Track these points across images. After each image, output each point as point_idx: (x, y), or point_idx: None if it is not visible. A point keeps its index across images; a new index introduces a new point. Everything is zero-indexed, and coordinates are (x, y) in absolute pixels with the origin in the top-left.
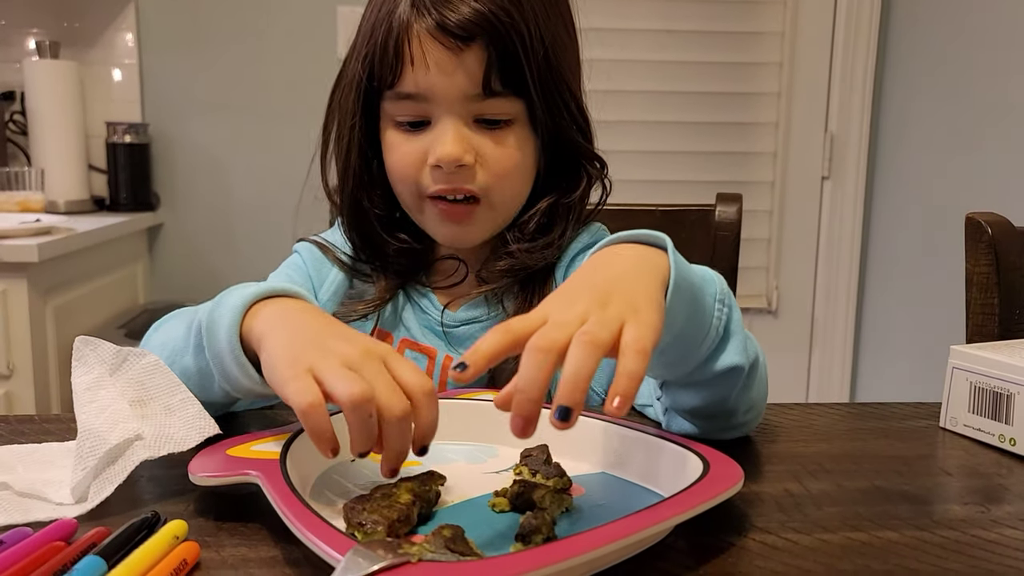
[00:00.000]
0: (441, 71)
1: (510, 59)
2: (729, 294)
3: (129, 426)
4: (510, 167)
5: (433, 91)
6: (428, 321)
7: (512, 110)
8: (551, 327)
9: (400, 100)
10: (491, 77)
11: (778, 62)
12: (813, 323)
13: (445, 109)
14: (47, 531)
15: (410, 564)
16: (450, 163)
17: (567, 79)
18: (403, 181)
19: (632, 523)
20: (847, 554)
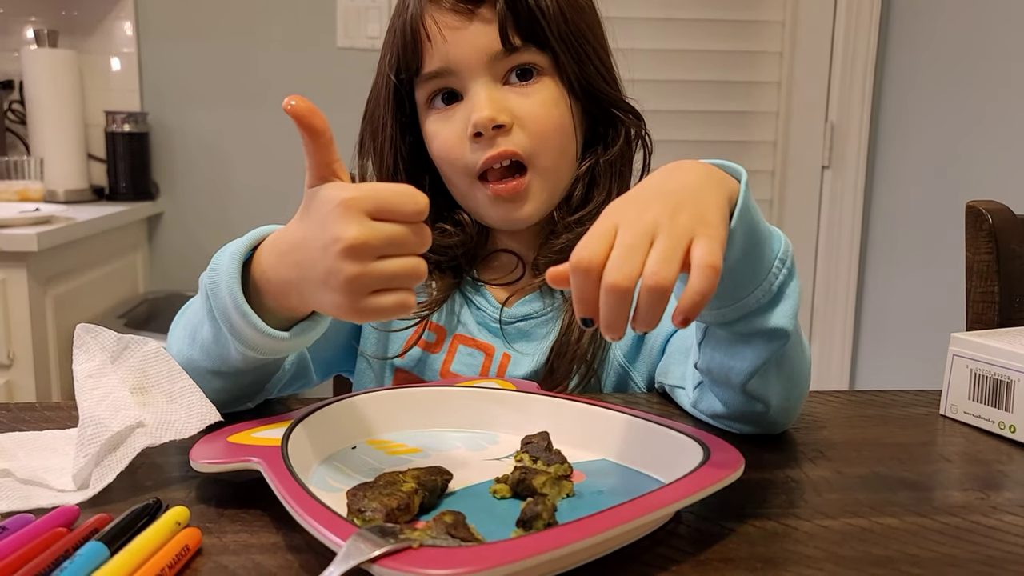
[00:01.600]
0: (459, 37)
1: (522, 12)
2: (793, 260)
3: (131, 413)
4: (548, 124)
5: (456, 60)
6: (484, 318)
7: (540, 61)
8: (623, 259)
9: (429, 81)
10: (507, 30)
11: (779, 51)
12: (813, 312)
13: (471, 76)
14: (49, 517)
15: (411, 549)
16: (486, 124)
17: (587, 35)
18: (450, 164)
19: (632, 509)
20: (847, 540)
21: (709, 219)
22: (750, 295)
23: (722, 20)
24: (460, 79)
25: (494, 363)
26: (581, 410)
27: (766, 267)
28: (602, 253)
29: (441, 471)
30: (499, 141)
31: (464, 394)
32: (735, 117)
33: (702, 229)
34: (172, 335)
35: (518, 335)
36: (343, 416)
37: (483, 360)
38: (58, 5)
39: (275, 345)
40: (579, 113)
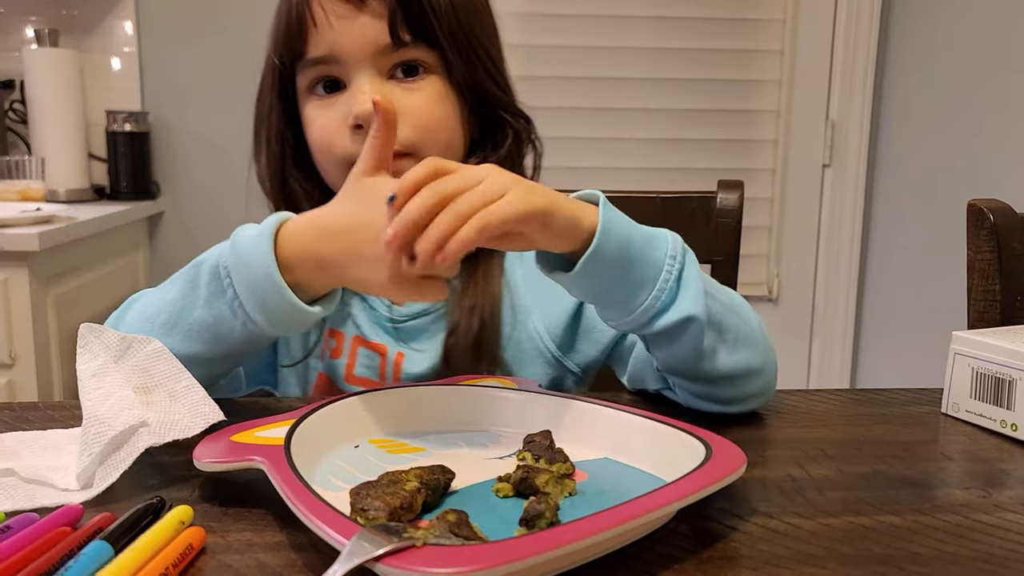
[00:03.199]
0: (346, 26)
1: (413, 6)
2: (684, 248)
3: (134, 412)
4: (431, 118)
5: (342, 49)
6: (377, 317)
7: (427, 59)
8: (458, 179)
9: (312, 67)
10: (396, 24)
11: (779, 50)
12: (814, 311)
13: (356, 66)
14: (53, 517)
15: (414, 548)
16: (367, 117)
17: (479, 34)
18: (325, 152)
19: (635, 508)
20: (849, 538)
21: (535, 193)
22: (649, 297)
23: (722, 19)
24: (344, 68)
25: (388, 363)
26: (583, 408)
27: (656, 268)
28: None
29: (444, 470)
30: None
31: (466, 392)
32: (735, 116)
33: (514, 194)
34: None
35: (414, 332)
36: (345, 415)
37: (379, 361)
38: (59, 4)
39: (299, 318)
40: (466, 111)
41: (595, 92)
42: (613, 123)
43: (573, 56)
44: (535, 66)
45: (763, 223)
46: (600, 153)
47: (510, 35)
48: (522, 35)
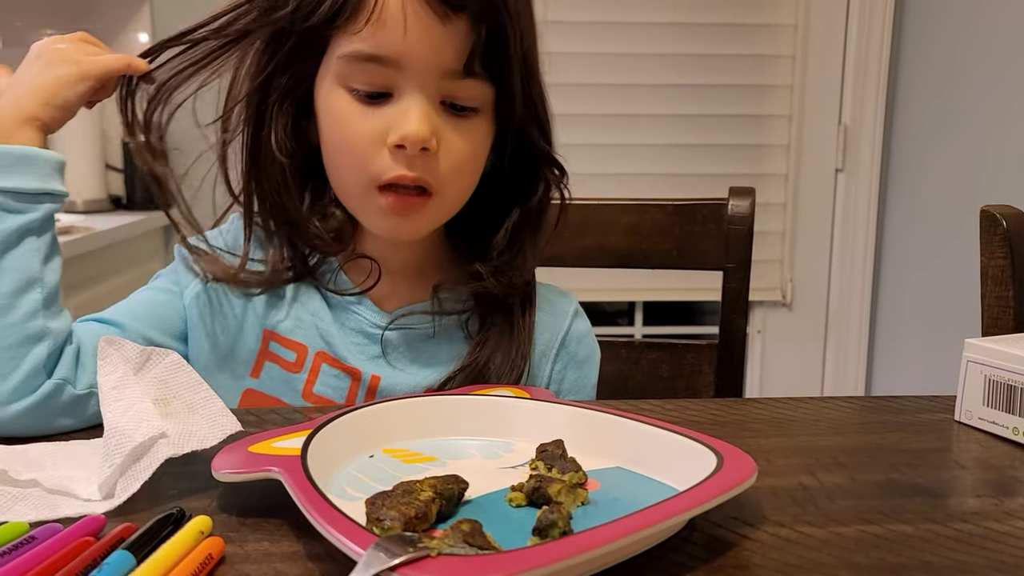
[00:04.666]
0: (424, 37)
1: (497, 40)
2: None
3: (154, 424)
4: (468, 161)
5: (409, 58)
6: (358, 325)
7: (482, 97)
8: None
9: (364, 62)
10: (475, 54)
11: (791, 55)
12: (828, 316)
13: (416, 82)
14: (76, 527)
15: (430, 558)
16: (416, 144)
17: (539, 82)
18: (354, 163)
19: (647, 517)
20: (861, 547)
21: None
22: None
23: (734, 24)
24: (401, 77)
25: (362, 385)
26: (595, 418)
27: None
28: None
29: (457, 480)
30: (418, 164)
31: (479, 402)
32: (748, 121)
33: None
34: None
35: (396, 345)
36: (360, 425)
37: (348, 383)
38: (75, 18)
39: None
40: (501, 157)
41: (607, 98)
42: (625, 129)
43: (585, 62)
44: (546, 73)
45: (776, 228)
46: (612, 159)
47: None
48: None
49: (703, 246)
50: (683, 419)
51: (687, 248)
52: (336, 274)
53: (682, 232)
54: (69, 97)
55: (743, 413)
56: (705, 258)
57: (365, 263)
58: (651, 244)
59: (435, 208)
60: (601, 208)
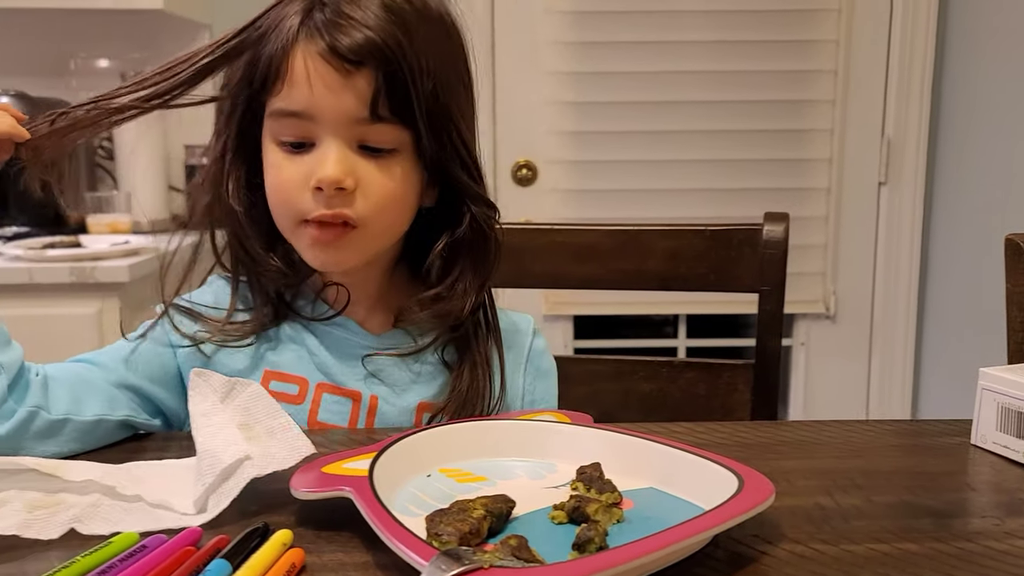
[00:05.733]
0: (328, 91)
1: (398, 86)
2: None
3: (240, 448)
4: (389, 196)
5: (319, 110)
6: (352, 347)
7: (397, 139)
8: None
9: (285, 118)
10: (379, 101)
11: (832, 70)
12: (872, 328)
13: (330, 131)
14: (179, 538)
15: (483, 570)
16: (331, 185)
17: (455, 118)
18: (283, 203)
19: (674, 534)
20: (868, 564)
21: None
22: None
23: (774, 41)
24: (317, 127)
25: (363, 407)
26: (630, 442)
27: None
28: None
29: (506, 499)
30: (336, 202)
31: (524, 427)
32: (788, 136)
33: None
34: None
35: (387, 363)
36: (419, 447)
37: (350, 407)
38: (140, 45)
39: None
40: (429, 190)
41: (647, 116)
42: (665, 146)
43: (625, 81)
44: (588, 92)
45: (818, 241)
46: (652, 175)
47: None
48: (575, 62)
49: (738, 269)
50: (712, 441)
51: (723, 271)
52: (314, 304)
53: (718, 256)
54: None
55: (769, 435)
56: (741, 281)
57: (332, 290)
58: (688, 267)
59: (359, 239)
60: (640, 233)
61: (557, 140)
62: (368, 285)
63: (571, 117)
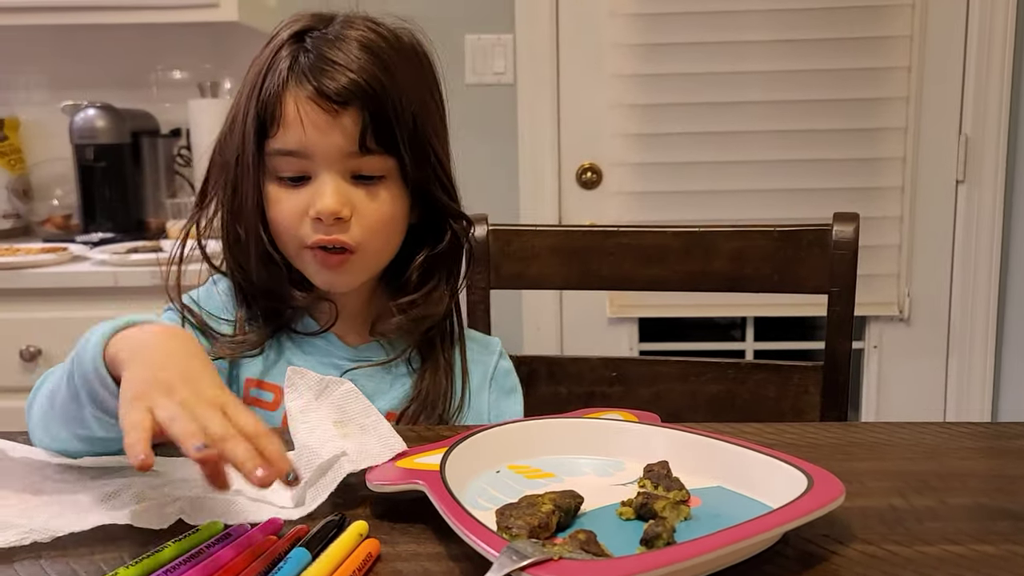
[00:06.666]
0: (319, 131)
1: (382, 122)
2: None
3: (336, 444)
4: (382, 221)
5: (313, 149)
6: (331, 356)
7: (385, 167)
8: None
9: (282, 156)
10: (366, 137)
11: (906, 66)
12: (950, 331)
13: (324, 166)
14: (262, 527)
15: (553, 561)
16: (329, 215)
17: (432, 142)
18: (286, 232)
19: (742, 531)
20: (943, 565)
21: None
22: None
23: (845, 38)
24: (312, 164)
25: None
26: (697, 441)
27: None
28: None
29: (574, 495)
30: (334, 230)
31: (592, 425)
32: (860, 134)
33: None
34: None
35: (360, 374)
36: (488, 444)
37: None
38: (220, 59)
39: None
40: (413, 209)
41: (713, 117)
42: (731, 147)
43: (690, 83)
44: (653, 94)
45: (892, 242)
46: (718, 177)
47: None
48: (639, 65)
49: (807, 270)
50: (781, 442)
51: (791, 272)
52: (302, 318)
53: (786, 257)
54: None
55: (840, 436)
56: (809, 282)
57: (325, 305)
58: (755, 268)
59: (359, 262)
60: (706, 234)
61: (622, 143)
62: (354, 301)
63: (636, 119)
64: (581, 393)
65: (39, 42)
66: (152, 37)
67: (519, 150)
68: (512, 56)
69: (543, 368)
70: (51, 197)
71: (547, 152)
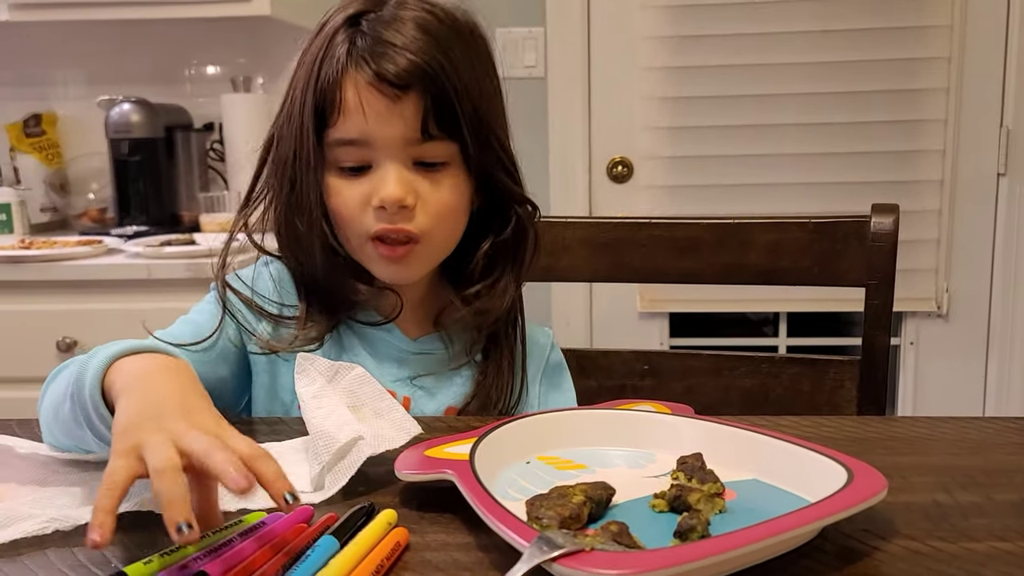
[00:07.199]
0: (380, 118)
1: (444, 105)
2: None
3: (353, 428)
4: (447, 208)
5: (374, 137)
6: (390, 350)
7: (447, 153)
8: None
9: (342, 146)
10: (428, 122)
11: (946, 57)
12: (990, 328)
13: (386, 154)
14: (293, 515)
15: (584, 552)
16: (393, 204)
17: (494, 125)
18: (348, 223)
19: (779, 524)
20: (990, 562)
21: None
22: None
23: (882, 28)
24: (373, 152)
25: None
26: (733, 433)
27: None
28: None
29: (605, 486)
30: (398, 218)
31: (624, 417)
32: (898, 127)
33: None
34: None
35: (422, 367)
36: (518, 434)
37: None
38: (253, 53)
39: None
40: (475, 196)
41: (745, 110)
42: (764, 140)
43: (723, 75)
44: (685, 87)
45: (930, 236)
46: (751, 170)
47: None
48: (671, 57)
49: (844, 263)
50: (819, 435)
51: (828, 265)
52: (364, 309)
53: (822, 249)
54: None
55: (880, 431)
56: (846, 275)
57: (389, 296)
58: (791, 261)
59: (425, 252)
60: (740, 226)
61: (653, 136)
62: (417, 292)
63: (667, 112)
64: (612, 386)
65: (75, 38)
66: (186, 32)
67: (549, 144)
68: (543, 49)
69: (573, 361)
70: (87, 191)
71: (578, 146)
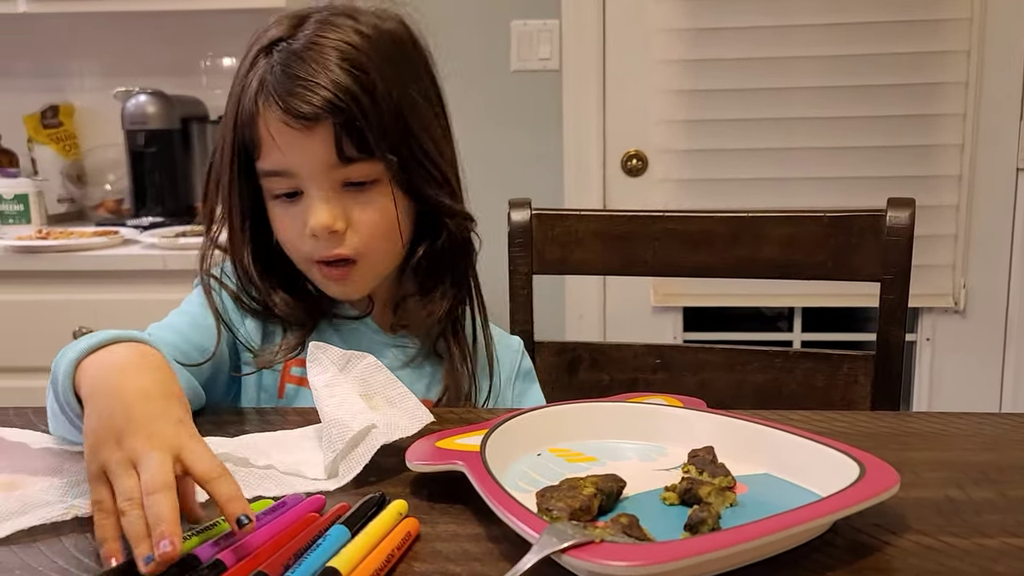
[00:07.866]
0: (295, 149)
1: (357, 129)
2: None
3: (366, 416)
4: (378, 228)
5: (295, 167)
6: (371, 340)
7: (374, 171)
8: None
9: (269, 177)
10: (343, 147)
11: (965, 50)
12: (1007, 324)
13: (311, 181)
14: (305, 504)
15: (594, 543)
16: (322, 231)
17: (420, 138)
18: (291, 249)
19: (790, 518)
20: (1003, 558)
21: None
22: None
23: (898, 21)
24: (300, 180)
25: None
26: (744, 427)
27: None
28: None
29: (616, 479)
30: (332, 244)
31: (635, 409)
32: (915, 121)
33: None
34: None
35: (395, 361)
36: (529, 426)
37: None
38: None
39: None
40: (410, 208)
41: (761, 103)
42: (780, 133)
43: (738, 68)
44: (700, 80)
45: (947, 231)
46: (767, 164)
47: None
48: (686, 50)
49: (860, 257)
50: (831, 430)
51: (843, 259)
52: (340, 304)
53: (838, 243)
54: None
55: (894, 426)
56: (861, 269)
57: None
58: (806, 255)
59: (365, 270)
60: (755, 220)
61: (668, 129)
62: (382, 291)
63: (683, 106)
64: (624, 380)
65: (93, 30)
66: (202, 24)
67: (564, 137)
68: (558, 42)
69: (585, 354)
70: (104, 182)
71: (592, 139)
